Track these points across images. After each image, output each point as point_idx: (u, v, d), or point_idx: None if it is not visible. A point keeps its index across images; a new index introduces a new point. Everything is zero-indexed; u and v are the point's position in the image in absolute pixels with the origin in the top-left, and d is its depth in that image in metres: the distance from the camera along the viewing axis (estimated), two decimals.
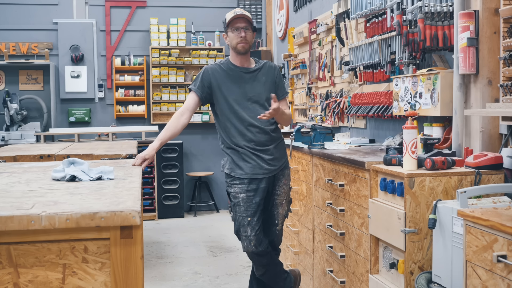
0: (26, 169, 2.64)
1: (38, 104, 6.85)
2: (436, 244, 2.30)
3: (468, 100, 2.69)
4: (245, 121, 3.13)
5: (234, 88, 3.15)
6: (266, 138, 3.15)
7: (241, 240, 3.17)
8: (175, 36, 7.19)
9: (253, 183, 3.12)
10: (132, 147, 4.37)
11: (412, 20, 3.08)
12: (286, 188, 3.25)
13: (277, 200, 3.23)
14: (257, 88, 3.18)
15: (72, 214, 1.50)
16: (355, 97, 4.06)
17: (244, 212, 3.12)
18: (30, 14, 6.99)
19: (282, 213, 3.26)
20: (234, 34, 3.13)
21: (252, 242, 3.12)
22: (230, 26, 3.14)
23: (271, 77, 3.24)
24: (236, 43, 3.14)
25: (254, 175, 3.12)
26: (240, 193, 3.12)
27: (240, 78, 3.17)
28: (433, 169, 2.47)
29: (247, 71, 3.19)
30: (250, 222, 3.11)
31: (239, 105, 3.13)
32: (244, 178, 3.12)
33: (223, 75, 3.17)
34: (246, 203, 3.11)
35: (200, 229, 6.33)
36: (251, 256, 3.19)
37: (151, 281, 4.39)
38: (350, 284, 3.11)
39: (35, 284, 1.53)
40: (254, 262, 3.24)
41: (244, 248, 3.16)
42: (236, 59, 3.20)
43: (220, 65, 3.21)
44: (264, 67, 3.24)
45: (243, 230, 3.13)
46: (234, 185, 3.14)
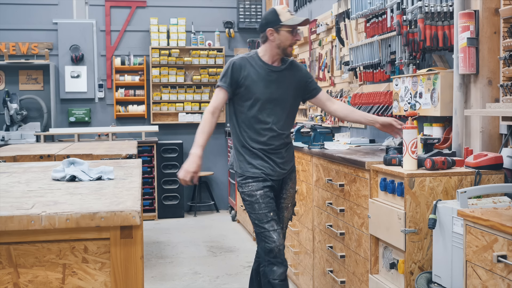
0: (26, 169, 2.64)
1: (38, 104, 6.84)
2: (436, 244, 2.30)
3: (468, 100, 2.69)
4: (265, 123, 3.00)
5: (260, 87, 2.99)
6: (280, 142, 3.05)
7: (267, 237, 2.94)
8: (175, 36, 7.19)
9: (267, 180, 3.02)
10: (132, 147, 4.37)
11: (412, 20, 3.08)
12: (292, 192, 3.18)
13: (283, 203, 3.15)
14: (282, 90, 3.03)
15: (72, 214, 1.50)
16: (355, 97, 4.06)
17: (265, 208, 2.97)
18: (30, 14, 6.99)
19: (287, 217, 3.19)
20: (291, 36, 2.97)
21: (281, 235, 2.98)
22: (290, 27, 2.97)
23: (297, 77, 3.10)
24: (289, 45, 2.98)
25: (267, 175, 3.02)
26: (257, 190, 2.99)
27: (268, 77, 3.01)
28: (433, 169, 2.47)
29: (275, 69, 3.03)
30: (272, 216, 2.98)
31: (262, 106, 2.99)
32: (258, 176, 3.01)
33: (251, 71, 2.99)
34: (264, 199, 2.98)
35: (200, 229, 6.33)
36: (278, 250, 2.94)
37: (151, 281, 4.39)
38: (350, 284, 3.11)
39: (35, 284, 1.53)
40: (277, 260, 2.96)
41: (273, 242, 2.92)
42: (271, 57, 3.03)
43: (248, 59, 3.03)
44: (292, 67, 3.10)
45: (269, 225, 2.95)
46: (248, 184, 3.01)
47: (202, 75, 7.20)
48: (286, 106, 3.06)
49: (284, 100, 3.05)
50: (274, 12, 3.00)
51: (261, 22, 3.08)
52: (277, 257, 2.95)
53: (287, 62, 3.10)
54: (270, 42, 3.01)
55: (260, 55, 3.05)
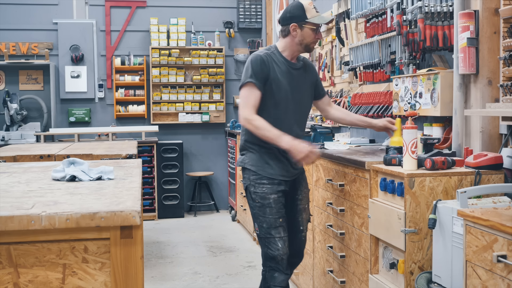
0: (26, 169, 2.64)
1: (38, 104, 6.84)
2: (436, 244, 2.30)
3: (468, 100, 2.69)
4: (285, 122, 2.91)
5: (284, 85, 2.91)
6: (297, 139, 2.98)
7: (271, 243, 2.90)
8: (175, 36, 7.19)
9: (281, 184, 2.95)
10: (132, 147, 4.36)
11: (412, 20, 3.08)
12: (307, 192, 3.12)
13: (300, 205, 3.07)
14: (302, 89, 2.99)
15: (72, 214, 1.50)
16: (355, 97, 4.06)
17: (276, 213, 2.90)
18: (30, 14, 6.99)
19: (305, 218, 3.11)
20: (313, 33, 2.90)
21: (286, 243, 2.94)
22: (314, 25, 2.90)
23: (310, 76, 3.06)
24: (310, 42, 2.91)
25: (282, 176, 2.95)
26: (271, 194, 2.91)
27: (289, 74, 2.93)
28: (433, 169, 2.47)
29: (294, 67, 2.97)
30: (281, 223, 2.92)
31: (286, 104, 2.92)
32: (274, 178, 2.93)
33: (275, 68, 2.90)
34: (277, 204, 2.93)
35: (200, 229, 6.33)
36: (281, 259, 2.92)
37: (151, 281, 4.39)
38: (350, 284, 3.11)
39: (35, 284, 1.53)
40: (282, 267, 2.93)
41: (277, 250, 2.90)
42: (292, 54, 2.95)
43: (271, 54, 2.92)
44: (306, 65, 3.04)
45: (276, 231, 2.90)
46: (262, 184, 2.91)
47: (202, 75, 7.20)
48: (304, 105, 3.03)
49: (303, 99, 3.00)
50: (301, 7, 2.90)
51: (284, 15, 2.95)
52: (279, 264, 2.92)
53: (301, 60, 3.04)
54: (292, 37, 2.92)
55: (280, 51, 2.96)
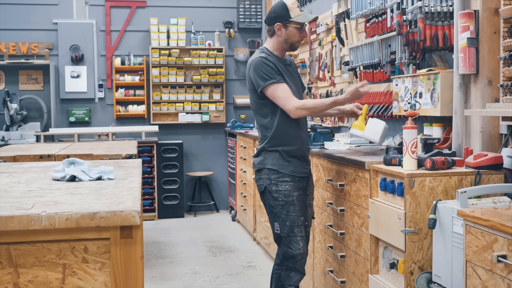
0: (26, 169, 2.64)
1: (38, 104, 6.84)
2: (436, 244, 2.30)
3: (468, 100, 2.69)
4: (301, 119, 3.03)
5: (288, 80, 3.00)
6: (306, 135, 3.14)
7: (293, 242, 2.92)
8: (175, 36, 7.19)
9: (301, 181, 3.01)
10: (132, 147, 4.36)
11: (412, 20, 3.08)
12: (313, 189, 3.21)
13: (307, 200, 3.10)
14: (297, 81, 3.13)
15: (72, 214, 1.50)
16: None
17: (299, 211, 2.95)
18: (30, 14, 6.99)
19: (311, 214, 3.17)
20: (298, 32, 2.99)
21: (307, 243, 2.99)
22: (298, 24, 2.98)
23: (296, 72, 3.19)
24: (296, 41, 3.00)
25: (301, 173, 3.02)
26: (294, 191, 2.94)
27: (285, 70, 3.02)
28: (433, 169, 2.47)
29: (285, 63, 3.07)
30: (303, 221, 2.97)
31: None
32: (295, 175, 2.98)
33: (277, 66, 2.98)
34: (300, 201, 2.97)
35: (200, 229, 6.33)
36: (301, 258, 2.94)
37: (151, 281, 4.39)
38: (350, 284, 3.11)
39: (35, 284, 1.53)
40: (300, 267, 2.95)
41: (298, 249, 2.92)
42: (281, 51, 3.05)
43: (267, 56, 2.98)
44: (292, 61, 3.17)
45: (298, 230, 2.93)
46: (284, 182, 2.94)
47: (202, 75, 7.20)
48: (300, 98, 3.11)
49: (300, 91, 3.13)
50: (285, 6, 2.97)
51: (269, 15, 3.03)
52: (297, 264, 2.93)
53: (288, 58, 3.16)
54: (277, 36, 3.00)
55: (271, 50, 3.03)
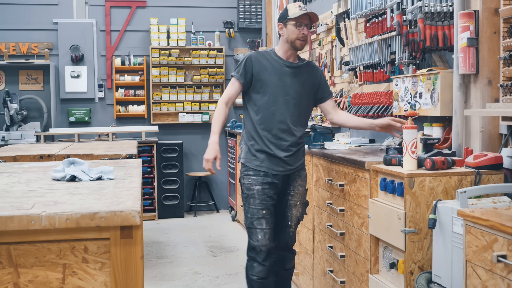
0: (26, 169, 2.64)
1: (38, 104, 6.84)
2: (436, 244, 2.30)
3: (468, 100, 2.69)
4: (276, 116, 3.04)
5: (275, 80, 3.05)
6: (291, 138, 3.07)
7: (253, 234, 3.04)
8: (175, 36, 7.19)
9: (268, 176, 3.04)
10: (132, 147, 4.36)
11: (412, 20, 3.08)
12: (302, 190, 3.17)
13: (291, 200, 3.14)
14: (297, 85, 3.08)
15: (72, 214, 1.50)
16: (355, 97, 4.06)
17: (259, 204, 3.03)
18: (30, 14, 6.99)
19: (295, 215, 3.17)
20: (297, 29, 3.03)
21: (267, 235, 3.03)
22: (294, 20, 3.03)
23: (312, 77, 3.16)
24: (295, 38, 3.03)
25: (270, 169, 3.05)
26: (256, 185, 3.04)
27: (282, 71, 3.08)
28: (433, 169, 2.47)
29: (290, 65, 3.10)
30: (264, 214, 3.03)
31: (275, 97, 3.04)
32: (260, 170, 3.05)
33: (266, 65, 3.07)
34: (261, 196, 3.03)
35: (200, 229, 6.33)
36: (260, 250, 3.02)
37: (151, 281, 4.39)
38: (350, 284, 3.11)
39: (35, 284, 1.53)
40: (260, 258, 3.03)
41: (257, 241, 3.01)
42: (285, 53, 3.10)
43: (265, 53, 3.12)
44: (308, 66, 3.17)
45: (258, 222, 3.02)
46: (248, 176, 3.06)
47: (202, 75, 7.20)
48: (300, 102, 3.10)
49: (298, 96, 3.09)
50: (286, 8, 3.12)
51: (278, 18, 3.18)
52: (258, 255, 3.04)
53: (304, 61, 3.18)
54: (281, 37, 3.12)
55: (276, 51, 3.14)
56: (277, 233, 3.18)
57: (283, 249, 3.21)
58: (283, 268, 3.24)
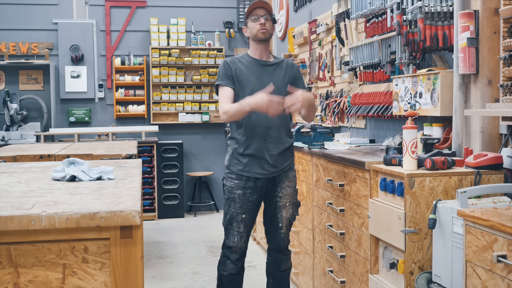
0: (26, 169, 2.64)
1: (38, 104, 6.85)
2: (436, 244, 2.30)
3: (468, 100, 2.69)
4: (259, 115, 2.97)
5: (252, 79, 3.04)
6: (275, 137, 3.03)
7: (230, 235, 3.07)
8: (175, 36, 7.19)
9: (250, 180, 3.03)
10: (132, 147, 4.36)
11: (412, 20, 3.08)
12: (290, 191, 3.12)
13: (280, 202, 3.10)
14: (276, 81, 3.04)
15: (72, 214, 1.50)
16: (355, 97, 4.06)
17: (239, 208, 3.03)
18: (30, 14, 6.99)
19: (286, 216, 3.12)
20: (254, 23, 3.03)
21: (243, 239, 3.06)
22: (249, 16, 3.04)
23: (290, 72, 3.13)
24: (256, 31, 3.02)
25: (253, 173, 3.02)
26: (237, 189, 3.03)
27: (259, 70, 3.07)
28: (433, 169, 2.47)
29: (265, 63, 3.09)
30: (244, 219, 3.04)
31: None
32: (242, 174, 3.03)
33: (241, 68, 3.07)
34: (242, 200, 3.03)
35: (200, 229, 6.33)
36: (234, 251, 3.07)
37: (151, 281, 4.39)
38: (350, 284, 3.11)
39: (35, 284, 1.53)
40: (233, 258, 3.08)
41: (233, 242, 3.05)
42: (256, 51, 3.09)
43: (238, 58, 3.13)
44: (283, 63, 3.14)
45: (236, 225, 3.05)
46: (231, 179, 3.06)
47: (202, 75, 7.20)
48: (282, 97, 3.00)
49: (279, 92, 3.00)
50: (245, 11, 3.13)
51: None
52: (232, 254, 3.09)
53: (280, 59, 3.17)
54: (249, 38, 3.12)
55: (249, 54, 3.14)
56: (269, 235, 3.18)
57: (276, 250, 3.18)
58: (278, 269, 3.21)
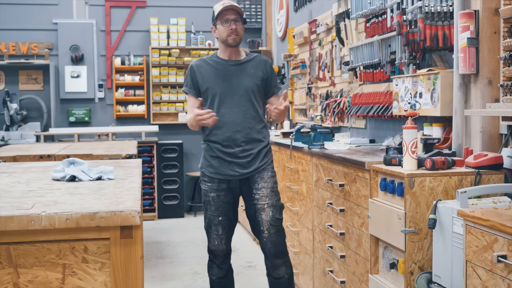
0: (26, 169, 2.64)
1: (38, 104, 6.84)
2: (436, 244, 2.30)
3: (468, 100, 2.69)
4: (226, 118, 2.96)
5: (219, 82, 3.00)
6: (243, 138, 2.99)
7: (211, 238, 3.08)
8: (175, 36, 7.19)
9: (223, 182, 3.01)
10: (132, 147, 4.37)
11: (412, 20, 3.08)
12: (266, 192, 3.00)
13: (257, 205, 3.01)
14: (245, 81, 3.00)
15: (72, 214, 1.50)
16: (355, 97, 4.06)
17: (215, 211, 3.03)
18: (30, 14, 6.99)
19: (265, 219, 2.99)
20: (224, 27, 2.98)
21: (223, 241, 3.06)
22: (219, 18, 2.98)
23: (260, 70, 3.06)
24: (226, 36, 2.98)
25: (224, 176, 3.00)
26: (211, 192, 3.03)
27: (227, 72, 3.02)
28: (433, 169, 2.47)
29: (234, 63, 3.04)
30: (221, 221, 3.03)
31: (221, 100, 2.98)
32: (214, 177, 3.03)
33: (208, 70, 3.04)
34: (217, 203, 3.03)
35: (200, 229, 6.32)
36: (216, 254, 3.09)
37: (151, 281, 4.39)
38: (350, 284, 3.11)
39: (35, 284, 1.53)
40: (217, 261, 3.10)
41: (214, 246, 3.07)
42: (225, 52, 3.06)
43: (206, 59, 3.09)
44: (255, 60, 3.08)
45: (214, 228, 3.05)
46: (204, 182, 3.06)
47: None
48: (250, 98, 3.01)
49: (247, 92, 3.00)
50: (213, 11, 3.05)
51: None
52: (215, 258, 3.12)
53: (252, 56, 3.12)
54: (218, 39, 3.08)
55: (218, 54, 3.11)
56: (258, 239, 3.13)
57: (266, 256, 3.08)
58: (272, 276, 3.09)
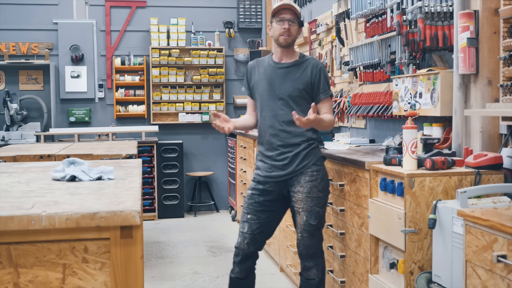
0: (26, 169, 2.64)
1: (38, 104, 6.84)
2: (436, 244, 2.30)
3: (468, 100, 2.69)
4: (266, 120, 3.01)
5: (264, 85, 3.03)
6: (279, 142, 2.98)
7: (238, 235, 3.10)
8: (175, 36, 7.19)
9: (260, 183, 3.04)
10: (132, 147, 4.36)
11: (412, 20, 3.09)
12: (302, 197, 2.94)
13: (294, 207, 3.02)
14: (286, 85, 2.97)
15: (72, 214, 1.50)
16: (355, 97, 4.06)
17: (246, 208, 3.06)
18: (30, 14, 6.99)
19: (300, 223, 2.98)
20: (278, 25, 2.94)
21: (246, 240, 3.03)
22: (275, 16, 2.96)
23: (307, 75, 2.97)
24: (278, 35, 2.95)
25: (263, 177, 3.03)
26: (249, 189, 3.10)
27: (273, 74, 3.01)
28: (433, 169, 2.47)
29: (282, 66, 3.01)
30: (248, 219, 3.04)
31: (265, 103, 3.01)
32: (255, 177, 3.08)
33: (258, 71, 3.08)
34: (249, 200, 3.06)
35: (200, 229, 6.33)
36: (238, 252, 3.08)
37: (151, 281, 4.39)
38: (350, 284, 3.11)
39: (35, 284, 1.53)
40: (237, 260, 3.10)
41: (237, 243, 3.08)
42: (276, 54, 3.04)
43: (261, 60, 3.13)
44: (304, 64, 3.00)
45: (241, 225, 3.08)
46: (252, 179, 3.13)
47: (202, 75, 7.20)
48: (286, 103, 2.97)
49: (288, 96, 2.97)
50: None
51: None
52: (236, 256, 3.11)
53: (302, 59, 3.03)
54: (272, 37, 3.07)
55: (273, 56, 3.10)
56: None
57: (299, 255, 3.08)
58: (303, 276, 3.06)
